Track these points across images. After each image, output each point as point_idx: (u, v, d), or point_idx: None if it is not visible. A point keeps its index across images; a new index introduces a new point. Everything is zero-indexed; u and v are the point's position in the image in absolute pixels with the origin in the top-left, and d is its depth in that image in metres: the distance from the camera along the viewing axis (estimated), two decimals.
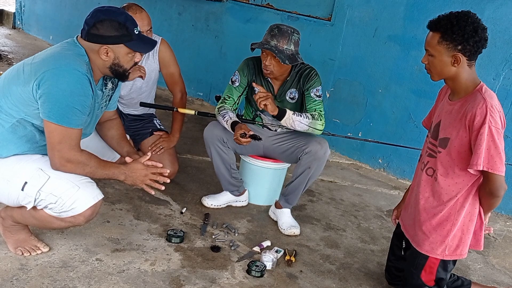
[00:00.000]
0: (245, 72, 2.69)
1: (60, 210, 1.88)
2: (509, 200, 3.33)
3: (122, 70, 1.97)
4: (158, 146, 2.94)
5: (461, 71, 1.83)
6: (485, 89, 1.82)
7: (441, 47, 1.81)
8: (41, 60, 1.87)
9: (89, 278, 1.99)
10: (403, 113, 3.71)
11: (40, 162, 1.92)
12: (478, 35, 1.76)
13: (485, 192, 1.84)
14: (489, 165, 1.74)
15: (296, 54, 2.52)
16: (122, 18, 1.89)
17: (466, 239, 1.93)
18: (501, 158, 1.74)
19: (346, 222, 2.94)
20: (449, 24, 1.77)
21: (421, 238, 1.99)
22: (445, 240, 1.93)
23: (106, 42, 1.88)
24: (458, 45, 1.78)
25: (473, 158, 1.76)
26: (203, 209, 2.77)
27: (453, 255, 1.95)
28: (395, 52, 3.69)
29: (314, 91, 2.61)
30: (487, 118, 1.73)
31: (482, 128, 1.73)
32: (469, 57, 1.80)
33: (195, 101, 5.16)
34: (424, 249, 1.98)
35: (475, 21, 1.78)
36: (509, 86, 3.20)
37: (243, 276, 2.20)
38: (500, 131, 1.75)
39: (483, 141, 1.73)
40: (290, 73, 2.65)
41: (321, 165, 2.60)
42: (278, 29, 2.49)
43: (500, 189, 1.80)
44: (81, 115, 1.88)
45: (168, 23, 5.37)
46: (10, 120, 1.88)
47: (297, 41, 2.52)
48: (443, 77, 1.88)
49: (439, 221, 1.93)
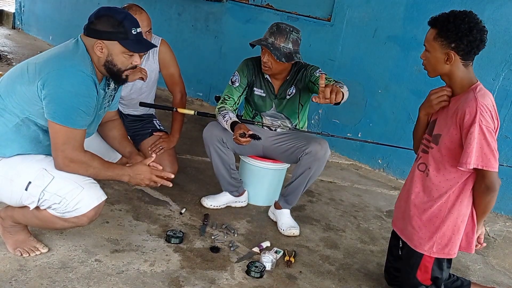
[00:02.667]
0: (245, 73, 2.70)
1: (64, 211, 1.88)
2: (509, 200, 3.33)
3: (116, 70, 1.94)
4: (158, 146, 2.94)
5: (455, 70, 1.84)
6: (480, 88, 1.83)
7: (436, 44, 1.83)
8: (45, 60, 1.87)
9: (88, 279, 1.99)
10: (402, 114, 3.71)
11: (44, 162, 1.92)
12: (472, 35, 1.77)
13: (481, 189, 1.85)
14: (483, 163, 1.76)
15: (294, 53, 2.52)
16: (121, 16, 1.89)
17: (456, 239, 1.94)
18: (494, 155, 1.77)
19: (346, 223, 2.94)
20: (446, 21, 1.79)
21: (410, 232, 2.01)
22: (433, 237, 1.94)
23: (100, 37, 1.87)
24: (452, 43, 1.79)
25: (463, 156, 1.77)
26: (202, 209, 2.77)
27: (440, 253, 1.95)
28: (394, 53, 3.69)
29: (317, 71, 2.60)
30: (477, 117, 1.74)
31: (472, 127, 1.75)
32: (462, 56, 1.81)
33: (194, 101, 5.16)
34: (413, 244, 2.00)
35: (473, 21, 1.78)
36: (508, 87, 3.20)
37: (242, 276, 2.20)
38: (491, 129, 1.76)
39: (473, 140, 1.74)
40: (290, 72, 2.65)
41: (321, 166, 2.60)
42: (277, 27, 2.51)
43: (496, 183, 1.81)
44: (86, 116, 1.88)
45: (168, 24, 5.37)
46: (14, 119, 1.88)
47: (295, 40, 2.52)
48: (438, 73, 1.90)
49: (429, 217, 1.95)
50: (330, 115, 4.11)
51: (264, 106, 2.74)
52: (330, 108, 3.96)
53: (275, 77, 2.66)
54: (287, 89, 2.68)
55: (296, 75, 2.66)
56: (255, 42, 2.52)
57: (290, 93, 2.69)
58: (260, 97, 2.72)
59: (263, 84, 2.69)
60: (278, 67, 2.55)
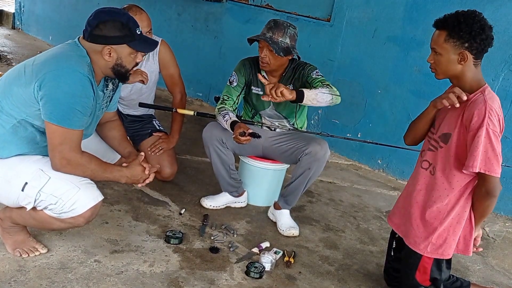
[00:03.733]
0: (242, 72, 2.70)
1: (60, 211, 1.88)
2: (508, 201, 3.33)
3: (124, 71, 1.98)
4: (158, 147, 2.94)
5: (467, 70, 1.84)
6: (489, 91, 1.83)
7: (448, 45, 1.81)
8: (42, 61, 1.88)
9: (87, 279, 1.99)
10: (402, 114, 3.70)
11: (41, 163, 1.91)
12: (485, 33, 1.78)
13: (481, 193, 1.84)
14: (486, 167, 1.75)
15: (291, 47, 2.53)
16: (124, 18, 1.91)
17: (451, 241, 1.94)
18: (498, 160, 1.76)
19: (345, 223, 2.94)
20: (456, 22, 1.79)
21: (408, 229, 2.02)
22: (429, 237, 1.94)
23: (109, 42, 1.89)
24: (465, 43, 1.79)
25: (469, 159, 1.77)
26: (202, 210, 2.77)
27: (434, 253, 1.96)
28: (394, 53, 3.69)
29: (314, 73, 2.61)
30: (485, 120, 1.73)
31: (479, 130, 1.74)
32: (475, 55, 1.81)
33: (194, 101, 5.15)
34: (407, 241, 2.01)
35: (482, 20, 1.79)
36: (508, 87, 3.20)
37: (241, 277, 2.20)
38: (497, 134, 1.76)
39: (480, 143, 1.73)
40: (286, 69, 2.65)
41: (321, 166, 2.60)
42: (274, 22, 2.53)
43: (496, 189, 1.81)
44: (82, 117, 1.88)
45: (167, 24, 5.37)
46: (11, 121, 1.88)
47: (293, 35, 2.53)
48: (449, 75, 1.88)
49: (427, 217, 1.95)
50: (330, 115, 4.11)
51: (262, 105, 2.74)
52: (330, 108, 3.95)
53: (272, 74, 2.66)
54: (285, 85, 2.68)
55: (294, 73, 2.66)
56: (254, 37, 2.54)
57: None
58: (258, 95, 2.72)
59: (260, 82, 2.69)
60: (276, 62, 2.56)
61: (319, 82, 2.56)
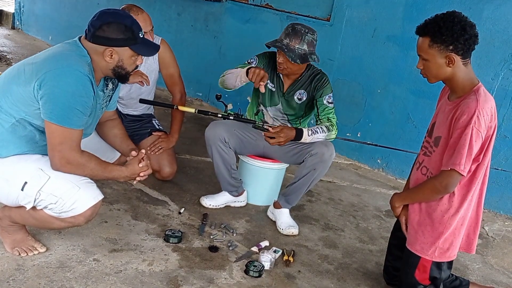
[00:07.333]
0: (262, 61, 2.70)
1: (60, 211, 1.88)
2: (508, 200, 3.33)
3: (125, 73, 1.99)
4: (157, 146, 2.94)
5: (457, 71, 1.84)
6: (482, 90, 1.83)
7: (433, 50, 1.82)
8: (42, 60, 1.87)
9: (86, 278, 1.98)
10: (402, 114, 3.71)
11: (40, 162, 1.91)
12: (467, 33, 1.77)
13: (441, 186, 1.84)
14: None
15: (309, 54, 2.53)
16: (128, 21, 1.91)
17: (456, 243, 1.95)
18: (470, 159, 1.77)
19: (345, 222, 2.94)
20: (437, 27, 1.79)
21: (413, 237, 2.01)
22: (436, 242, 1.94)
23: (112, 44, 1.89)
24: (450, 45, 1.79)
25: (456, 157, 1.77)
26: (201, 209, 2.77)
27: (442, 257, 1.96)
28: (394, 53, 3.69)
29: (327, 98, 2.65)
30: (473, 119, 1.74)
31: (467, 128, 1.75)
32: (462, 55, 1.81)
33: (194, 101, 5.15)
34: (415, 248, 2.00)
35: (462, 20, 1.79)
36: (507, 86, 3.20)
37: (241, 276, 2.20)
38: (480, 134, 1.76)
39: (467, 141, 1.74)
40: (303, 73, 2.66)
41: (325, 168, 2.60)
42: (292, 29, 2.52)
43: (452, 186, 1.83)
44: (82, 116, 1.88)
45: (167, 24, 5.37)
46: (10, 120, 1.87)
47: (311, 41, 2.52)
48: (440, 78, 1.89)
49: (432, 222, 1.94)
50: None
51: (271, 101, 2.75)
52: None
53: (288, 76, 2.68)
54: (296, 90, 2.69)
55: (310, 81, 2.67)
56: (271, 43, 2.54)
57: (301, 98, 2.70)
58: (270, 91, 2.73)
59: (275, 80, 2.71)
60: (293, 68, 2.57)
61: (325, 116, 2.63)
